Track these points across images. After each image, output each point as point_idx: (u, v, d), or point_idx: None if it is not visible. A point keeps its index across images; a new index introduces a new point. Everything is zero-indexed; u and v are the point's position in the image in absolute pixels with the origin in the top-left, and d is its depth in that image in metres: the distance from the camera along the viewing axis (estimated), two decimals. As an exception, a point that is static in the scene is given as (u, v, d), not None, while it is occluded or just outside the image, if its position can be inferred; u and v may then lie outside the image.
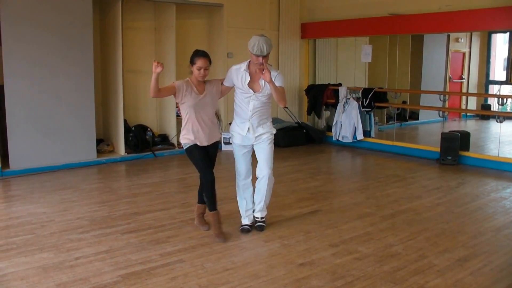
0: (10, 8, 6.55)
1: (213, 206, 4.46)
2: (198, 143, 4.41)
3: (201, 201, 4.72)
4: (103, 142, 8.14)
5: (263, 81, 4.34)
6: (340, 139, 9.38)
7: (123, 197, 5.84)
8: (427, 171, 7.39)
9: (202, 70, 4.34)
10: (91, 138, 7.50)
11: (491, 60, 12.51)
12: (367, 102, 9.00)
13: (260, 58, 4.20)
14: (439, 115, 8.63)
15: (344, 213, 5.23)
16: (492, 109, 11.59)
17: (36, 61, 6.85)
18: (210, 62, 4.40)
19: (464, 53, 12.23)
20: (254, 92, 4.40)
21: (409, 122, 11.19)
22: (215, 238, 4.40)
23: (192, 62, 4.37)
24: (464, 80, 12.25)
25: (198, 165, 4.48)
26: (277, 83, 4.26)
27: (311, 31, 10.00)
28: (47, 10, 6.87)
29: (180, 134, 4.53)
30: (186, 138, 4.42)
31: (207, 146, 4.50)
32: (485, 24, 7.60)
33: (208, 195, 4.46)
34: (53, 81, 7.03)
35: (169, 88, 4.39)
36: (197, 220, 4.75)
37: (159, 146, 8.51)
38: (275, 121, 9.41)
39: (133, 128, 8.27)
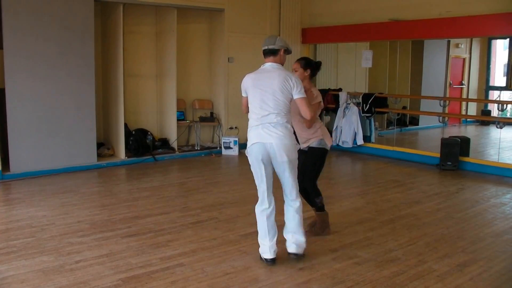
0: (12, 13, 6.58)
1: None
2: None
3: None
4: (103, 146, 8.15)
5: None
6: (340, 144, 9.39)
7: (124, 201, 5.84)
8: (427, 176, 7.40)
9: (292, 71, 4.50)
10: (91, 141, 7.51)
11: (491, 66, 12.53)
12: (367, 107, 9.02)
13: None
14: (439, 121, 8.65)
15: (344, 218, 5.24)
16: (492, 114, 11.61)
17: (37, 65, 6.87)
18: (303, 65, 4.55)
19: (464, 59, 12.25)
20: None
21: (409, 127, 11.18)
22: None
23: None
24: (464, 86, 12.27)
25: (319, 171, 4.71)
26: None
27: (312, 36, 10.02)
28: (49, 14, 6.90)
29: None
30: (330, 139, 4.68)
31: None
32: (485, 30, 7.62)
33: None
34: (54, 85, 7.04)
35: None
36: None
37: (160, 150, 8.52)
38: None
39: (133, 132, 8.28)
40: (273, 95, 3.82)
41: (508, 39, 11.39)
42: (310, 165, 4.58)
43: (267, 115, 3.83)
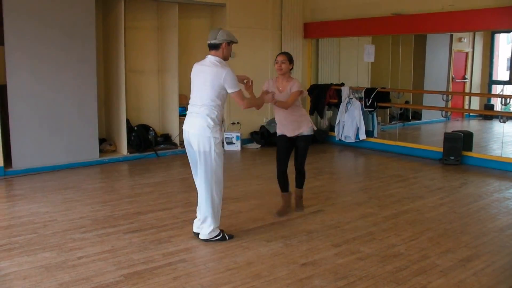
0: (13, 8, 6.56)
1: (286, 188, 5.18)
2: (281, 133, 5.06)
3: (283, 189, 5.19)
4: (105, 141, 8.15)
5: None
6: (342, 139, 9.37)
7: (126, 197, 5.84)
8: (429, 171, 7.38)
9: (279, 63, 4.90)
10: (93, 137, 7.51)
11: (494, 60, 12.47)
12: (370, 102, 8.99)
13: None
14: (442, 115, 8.61)
15: (347, 213, 5.23)
16: (495, 109, 11.56)
17: (38, 61, 6.85)
18: (289, 58, 4.93)
19: (467, 53, 12.19)
20: None
21: (411, 122, 11.16)
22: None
23: (275, 61, 4.98)
24: (467, 80, 12.22)
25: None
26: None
27: (314, 30, 9.99)
28: (50, 10, 6.87)
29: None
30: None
31: (292, 137, 5.02)
32: (488, 24, 7.57)
33: (279, 181, 5.13)
34: (56, 81, 7.03)
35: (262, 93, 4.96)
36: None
37: (162, 145, 8.50)
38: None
39: (135, 128, 8.27)
40: (202, 89, 4.20)
41: (511, 33, 11.33)
42: (305, 151, 5.09)
43: (193, 106, 4.26)
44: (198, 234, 4.44)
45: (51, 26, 6.90)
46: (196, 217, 4.51)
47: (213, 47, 4.28)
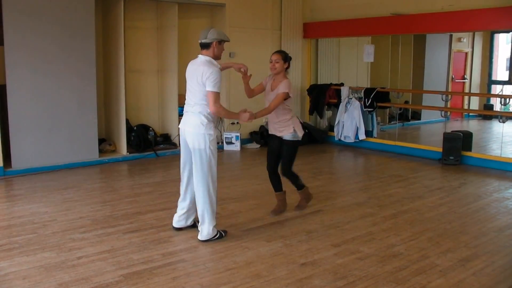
0: (13, 9, 6.55)
1: (277, 187, 5.16)
2: (271, 133, 5.04)
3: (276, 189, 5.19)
4: (105, 141, 8.14)
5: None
6: (342, 139, 9.37)
7: (125, 197, 5.84)
8: (429, 171, 7.38)
9: (273, 63, 4.81)
10: (93, 137, 7.50)
11: (494, 60, 12.48)
12: (369, 102, 8.99)
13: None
14: (441, 115, 8.62)
15: (346, 213, 5.23)
16: (494, 109, 11.57)
17: (38, 61, 6.85)
18: (283, 57, 4.82)
19: (466, 53, 12.20)
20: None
21: (411, 122, 11.16)
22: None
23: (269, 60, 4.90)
24: (466, 80, 12.22)
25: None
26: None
27: (314, 30, 9.99)
28: (50, 10, 6.87)
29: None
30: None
31: (278, 138, 4.96)
32: (487, 24, 7.58)
33: (270, 181, 5.13)
34: (55, 81, 7.03)
35: (259, 85, 5.01)
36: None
37: (161, 145, 8.50)
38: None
39: (135, 128, 8.27)
40: (194, 88, 4.31)
41: (511, 33, 11.34)
42: (286, 156, 4.98)
43: (188, 104, 4.42)
44: (179, 228, 4.60)
45: (50, 26, 6.89)
46: (175, 212, 4.64)
47: (204, 46, 4.31)
